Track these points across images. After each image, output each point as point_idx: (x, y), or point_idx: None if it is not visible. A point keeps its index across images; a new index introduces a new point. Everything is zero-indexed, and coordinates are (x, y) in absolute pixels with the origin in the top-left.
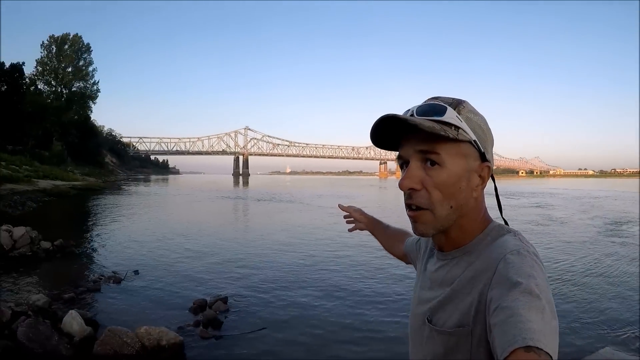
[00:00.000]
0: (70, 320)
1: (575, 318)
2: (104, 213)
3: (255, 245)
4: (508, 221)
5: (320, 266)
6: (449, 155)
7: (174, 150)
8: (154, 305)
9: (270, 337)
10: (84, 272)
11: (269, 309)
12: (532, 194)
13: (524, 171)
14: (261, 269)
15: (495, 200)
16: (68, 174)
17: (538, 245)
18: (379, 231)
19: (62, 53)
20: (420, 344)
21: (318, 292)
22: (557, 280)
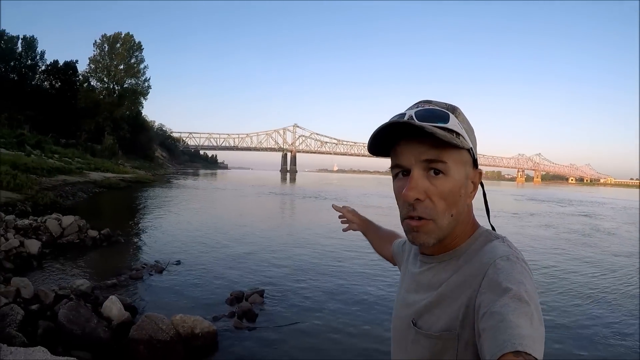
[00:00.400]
0: (110, 305)
1: (584, 331)
2: (151, 205)
3: (297, 241)
4: (552, 228)
5: (360, 265)
6: (454, 164)
7: (222, 146)
8: (192, 295)
9: (302, 331)
10: (128, 260)
11: (305, 304)
12: (580, 202)
13: (574, 178)
14: (300, 265)
15: (484, 205)
16: (118, 167)
17: (579, 257)
18: (371, 232)
19: (114, 51)
20: (404, 347)
21: (356, 290)
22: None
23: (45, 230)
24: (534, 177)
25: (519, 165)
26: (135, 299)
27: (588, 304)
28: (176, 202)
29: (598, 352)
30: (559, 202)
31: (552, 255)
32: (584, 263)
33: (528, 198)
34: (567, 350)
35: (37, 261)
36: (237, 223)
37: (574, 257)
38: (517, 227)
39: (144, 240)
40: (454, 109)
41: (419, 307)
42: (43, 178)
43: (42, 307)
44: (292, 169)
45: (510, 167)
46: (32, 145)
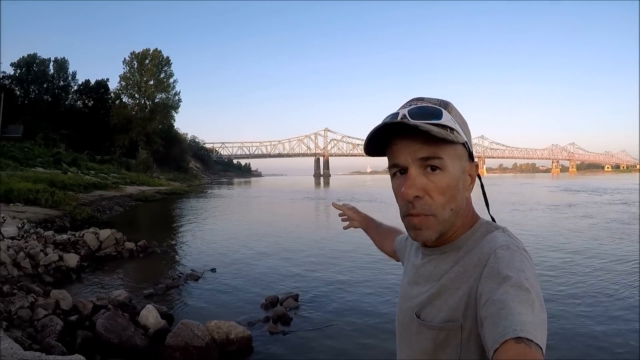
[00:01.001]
0: (147, 314)
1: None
2: (186, 215)
3: (331, 244)
4: (587, 218)
5: (394, 268)
6: (450, 159)
7: (255, 154)
8: (227, 302)
9: (337, 333)
10: (165, 270)
11: (339, 307)
12: (614, 190)
13: (610, 166)
14: (335, 268)
15: (482, 196)
16: (154, 180)
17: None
18: (371, 229)
19: (143, 67)
20: (408, 339)
21: (390, 292)
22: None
23: (84, 244)
24: (569, 167)
25: (553, 156)
26: (171, 307)
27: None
28: (211, 212)
29: None
30: (593, 191)
31: (579, 248)
32: (615, 254)
33: (562, 189)
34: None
35: (76, 274)
36: (272, 229)
37: (606, 249)
38: (551, 219)
39: (180, 250)
40: (446, 104)
41: (421, 300)
42: (80, 194)
43: (81, 317)
44: (325, 173)
45: (544, 159)
46: (69, 163)
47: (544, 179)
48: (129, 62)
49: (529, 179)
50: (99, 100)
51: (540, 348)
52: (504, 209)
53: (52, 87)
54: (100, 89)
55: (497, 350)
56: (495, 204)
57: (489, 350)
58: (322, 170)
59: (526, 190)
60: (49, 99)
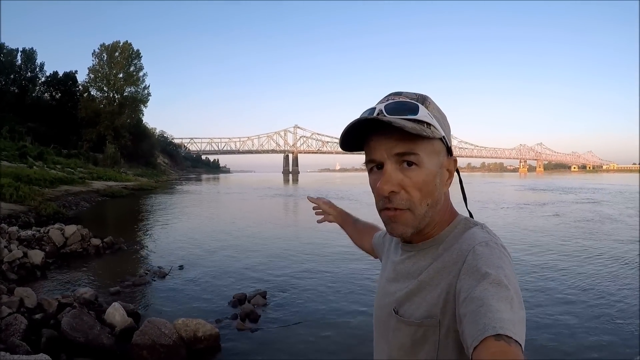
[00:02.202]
0: (113, 312)
1: (607, 321)
2: (154, 212)
3: (300, 242)
4: (550, 216)
5: (362, 264)
6: (426, 155)
7: (224, 150)
8: (195, 299)
9: (305, 331)
10: (131, 267)
11: (307, 304)
12: (579, 189)
13: (577, 166)
14: (303, 265)
15: (461, 191)
16: (121, 175)
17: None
18: (348, 224)
19: (113, 60)
20: (386, 336)
21: (359, 289)
22: (597, 279)
23: (49, 241)
24: (537, 167)
25: (520, 155)
26: (138, 305)
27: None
28: (179, 208)
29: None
30: (557, 190)
31: (547, 246)
32: (582, 251)
33: (529, 188)
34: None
35: (40, 271)
36: (240, 226)
37: (572, 246)
38: (520, 218)
39: (147, 246)
40: (424, 99)
41: (399, 296)
42: (46, 189)
43: (46, 315)
44: (294, 170)
45: (512, 158)
46: (35, 157)
47: (512, 178)
48: (99, 55)
49: (497, 178)
50: (67, 93)
51: (519, 345)
52: (473, 208)
53: (19, 78)
54: (68, 81)
55: (476, 347)
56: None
57: (469, 347)
58: (291, 167)
59: (494, 189)
60: (15, 91)
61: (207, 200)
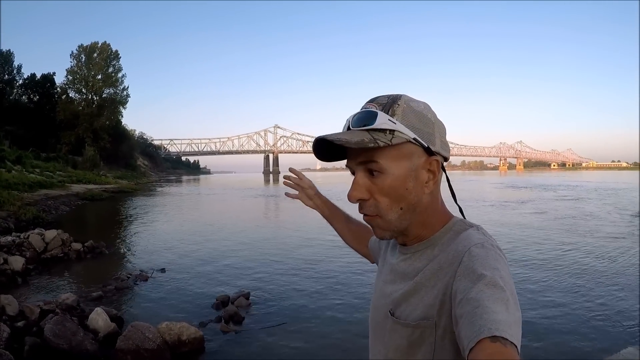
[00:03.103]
0: (96, 317)
1: (595, 316)
2: (135, 214)
3: (282, 243)
4: (528, 213)
5: (345, 264)
6: (388, 161)
7: (204, 151)
8: (178, 302)
9: (289, 332)
10: (113, 271)
11: (291, 305)
12: (558, 186)
13: (556, 164)
14: (285, 266)
15: (449, 190)
16: (101, 178)
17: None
18: (338, 220)
19: (91, 61)
20: (382, 337)
21: (342, 290)
22: (575, 274)
23: (29, 246)
24: (517, 164)
25: (500, 153)
26: (121, 310)
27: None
28: (160, 210)
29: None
30: (537, 188)
31: (525, 241)
32: (561, 245)
33: (509, 186)
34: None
35: (21, 277)
36: (220, 227)
37: (550, 241)
38: (496, 215)
39: (129, 250)
40: (392, 102)
41: (396, 297)
42: (25, 193)
43: (28, 323)
44: (275, 170)
45: (492, 156)
46: (13, 161)
47: (493, 176)
48: (77, 56)
49: (478, 176)
50: (45, 95)
51: (515, 347)
52: (453, 207)
53: None
54: (46, 83)
55: (472, 349)
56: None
57: (465, 349)
58: (272, 167)
59: (475, 187)
60: None
61: (188, 202)
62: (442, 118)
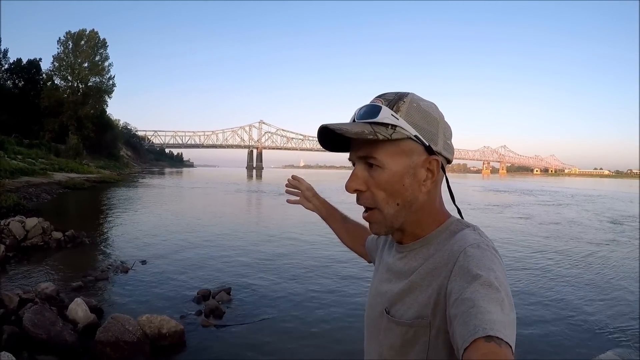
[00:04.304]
0: (76, 307)
1: (574, 320)
2: (116, 205)
3: (263, 237)
4: (518, 219)
5: (325, 260)
6: (387, 156)
7: (188, 144)
8: (158, 295)
9: (270, 327)
10: (93, 261)
11: (272, 300)
12: (539, 192)
13: (539, 169)
14: (267, 261)
15: (448, 191)
16: (83, 167)
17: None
18: (335, 220)
19: (78, 49)
20: (376, 336)
21: (322, 285)
22: (556, 279)
23: (9, 234)
24: (500, 169)
25: (484, 157)
26: (101, 301)
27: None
28: (142, 202)
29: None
30: (516, 192)
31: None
32: (540, 249)
33: (489, 189)
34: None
35: (0, 265)
36: (203, 221)
37: (524, 245)
38: (486, 219)
39: (110, 241)
40: (398, 98)
41: (391, 296)
42: (6, 180)
43: (7, 312)
44: (258, 166)
45: (475, 160)
46: None
47: (476, 180)
48: (64, 42)
49: (461, 179)
50: (30, 81)
51: (510, 347)
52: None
53: None
54: (32, 69)
55: (467, 349)
56: None
57: (459, 349)
58: (255, 162)
59: (457, 189)
60: None
61: (171, 194)
62: None
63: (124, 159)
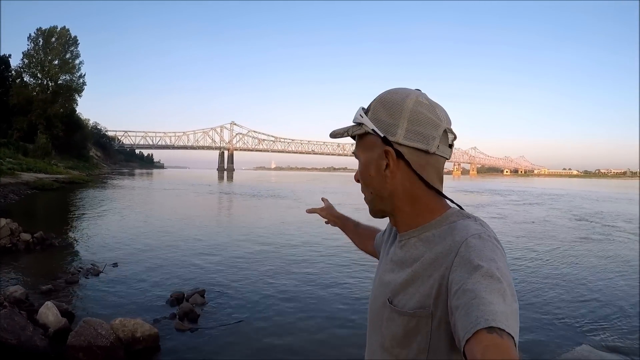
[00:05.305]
0: (46, 312)
1: (551, 315)
2: (86, 206)
3: (236, 239)
4: (491, 219)
5: (298, 261)
6: (359, 151)
7: (159, 145)
8: (131, 298)
9: (245, 330)
10: (63, 264)
11: (246, 302)
12: (507, 191)
13: (509, 170)
14: (240, 263)
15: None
16: (52, 167)
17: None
18: (349, 229)
19: (49, 46)
20: (379, 326)
21: (295, 287)
22: (532, 276)
23: None
24: (470, 170)
25: (454, 158)
26: (72, 304)
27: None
28: (112, 203)
29: None
30: (486, 193)
31: None
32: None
33: (459, 190)
34: None
35: None
36: (175, 223)
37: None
38: None
39: (80, 242)
40: (377, 98)
41: (394, 286)
42: None
43: None
44: (229, 167)
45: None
46: None
47: (446, 181)
48: (34, 39)
49: None
50: None
51: (512, 338)
52: None
53: None
54: (1, 65)
55: (469, 340)
56: None
57: (461, 339)
58: (227, 164)
59: None
60: None
61: (141, 196)
62: None
63: (94, 160)
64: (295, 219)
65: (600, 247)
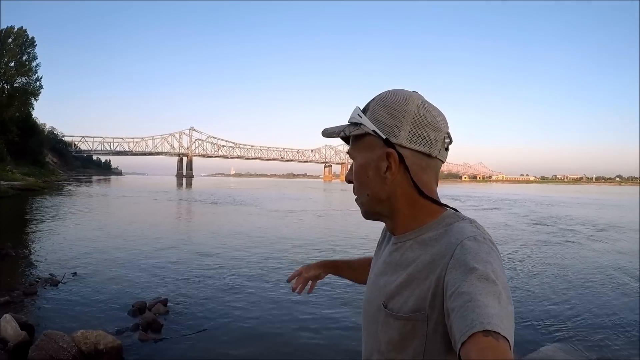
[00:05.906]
0: (5, 325)
1: (515, 316)
2: (43, 214)
3: (196, 247)
4: None
5: (260, 268)
6: (356, 151)
7: (116, 150)
8: (92, 308)
9: (210, 339)
10: (21, 274)
11: (210, 311)
12: (466, 197)
13: (467, 176)
14: (202, 272)
15: None
16: (7, 173)
17: None
18: (343, 271)
19: (5, 47)
20: (374, 330)
21: (258, 293)
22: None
23: None
24: None
25: None
26: (31, 317)
27: None
28: (69, 211)
29: None
30: (444, 198)
31: None
32: None
33: None
34: None
35: None
36: (133, 231)
37: None
38: None
39: (37, 252)
40: (375, 98)
41: (389, 289)
42: None
43: None
44: (188, 174)
45: None
46: None
47: None
48: None
49: None
50: None
51: (507, 340)
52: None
53: None
54: None
55: (464, 343)
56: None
57: (457, 342)
58: (185, 170)
59: None
60: None
61: (99, 203)
62: None
63: (50, 166)
64: (256, 226)
65: (561, 249)
